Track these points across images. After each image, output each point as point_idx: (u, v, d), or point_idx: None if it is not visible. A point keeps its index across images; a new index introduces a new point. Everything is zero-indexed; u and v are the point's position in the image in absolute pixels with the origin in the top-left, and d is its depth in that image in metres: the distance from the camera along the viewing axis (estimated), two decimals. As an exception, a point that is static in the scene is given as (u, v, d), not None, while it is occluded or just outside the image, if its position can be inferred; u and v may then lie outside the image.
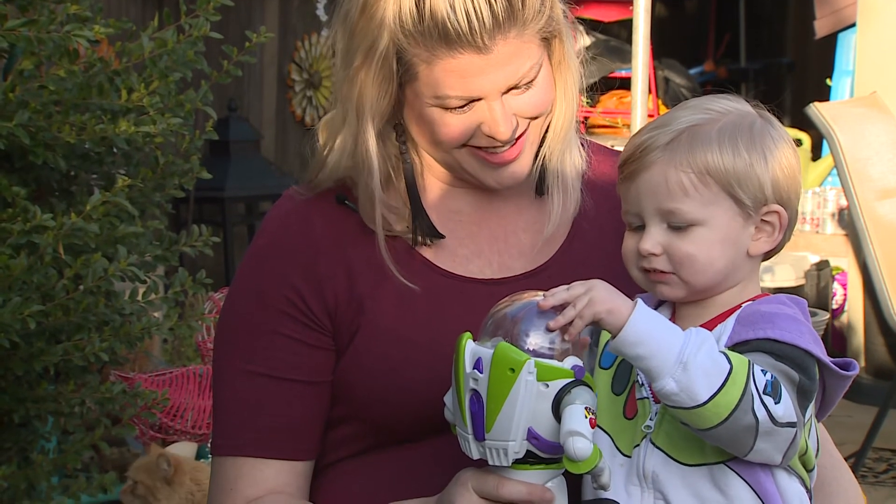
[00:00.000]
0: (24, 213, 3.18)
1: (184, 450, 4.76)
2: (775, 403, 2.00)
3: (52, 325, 3.29)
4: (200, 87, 3.47)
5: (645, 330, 2.00)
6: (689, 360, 1.97)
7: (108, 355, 3.38)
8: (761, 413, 1.99)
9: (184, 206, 7.44)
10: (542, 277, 2.30)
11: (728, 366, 1.98)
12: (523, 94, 2.22)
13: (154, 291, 3.45)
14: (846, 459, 5.75)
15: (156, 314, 3.58)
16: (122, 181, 3.26)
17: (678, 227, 2.11)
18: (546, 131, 2.31)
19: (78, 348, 3.36)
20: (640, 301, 2.02)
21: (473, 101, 2.20)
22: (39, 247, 3.16)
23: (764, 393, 1.99)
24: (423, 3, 2.16)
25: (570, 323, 2.02)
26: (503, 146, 2.24)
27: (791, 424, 2.03)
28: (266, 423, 2.30)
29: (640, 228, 2.14)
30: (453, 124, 2.22)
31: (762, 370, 2.00)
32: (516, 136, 2.24)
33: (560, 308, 2.04)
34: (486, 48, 2.16)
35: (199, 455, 4.83)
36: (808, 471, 2.14)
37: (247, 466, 2.31)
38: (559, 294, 2.04)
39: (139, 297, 3.44)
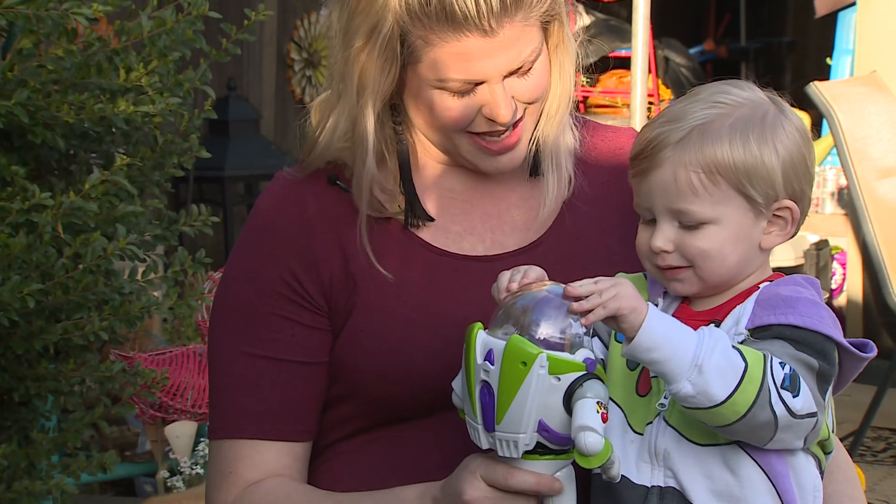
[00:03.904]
0: (23, 192, 3.17)
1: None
2: (794, 397, 2.00)
3: (52, 303, 3.29)
4: (199, 66, 3.46)
5: (659, 334, 1.99)
6: (703, 362, 1.97)
7: (107, 334, 3.38)
8: (779, 408, 1.99)
9: (183, 186, 7.42)
10: (536, 253, 2.30)
11: (743, 364, 1.98)
12: (522, 78, 2.22)
13: (153, 271, 3.44)
14: (846, 438, 5.73)
15: (155, 293, 3.57)
16: (121, 160, 3.25)
17: (689, 225, 2.11)
18: (540, 114, 2.30)
19: (77, 327, 3.36)
20: (651, 305, 2.01)
21: (475, 84, 2.20)
22: (38, 226, 3.16)
23: (782, 387, 1.99)
24: None
25: (592, 310, 2.01)
26: (502, 132, 2.24)
27: (811, 415, 2.03)
28: (264, 406, 2.30)
29: (653, 222, 2.14)
30: (454, 107, 2.21)
31: (780, 363, 2.00)
32: (515, 120, 2.23)
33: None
34: (493, 31, 2.16)
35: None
36: (826, 453, 2.15)
37: (245, 449, 2.30)
38: (587, 285, 2.03)
39: (139, 277, 3.43)
